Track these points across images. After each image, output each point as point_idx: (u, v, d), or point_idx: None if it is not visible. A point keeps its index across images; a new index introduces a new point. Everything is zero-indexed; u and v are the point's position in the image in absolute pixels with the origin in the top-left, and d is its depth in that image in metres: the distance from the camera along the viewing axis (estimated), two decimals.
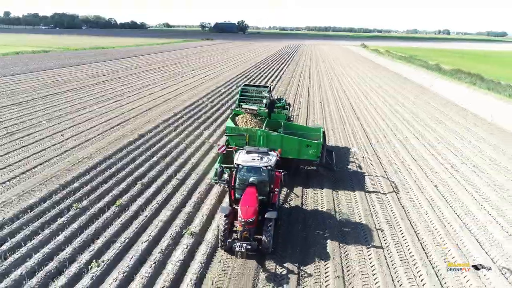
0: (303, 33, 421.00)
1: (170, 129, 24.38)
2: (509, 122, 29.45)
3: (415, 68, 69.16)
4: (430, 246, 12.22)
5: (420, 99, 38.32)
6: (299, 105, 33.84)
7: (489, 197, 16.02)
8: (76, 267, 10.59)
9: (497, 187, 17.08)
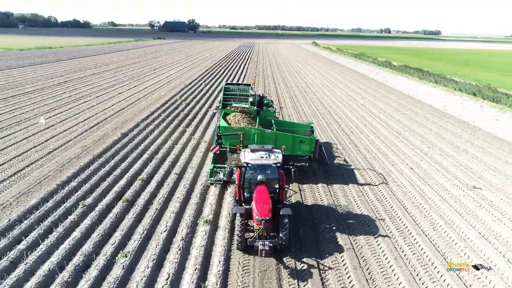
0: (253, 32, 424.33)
1: (152, 127, 24.41)
2: (459, 111, 32.86)
3: (367, 65, 73.35)
4: (430, 231, 13.10)
5: (379, 93, 41.21)
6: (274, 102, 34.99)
7: (457, 175, 18.19)
8: (104, 259, 10.83)
9: (462, 167, 19.38)
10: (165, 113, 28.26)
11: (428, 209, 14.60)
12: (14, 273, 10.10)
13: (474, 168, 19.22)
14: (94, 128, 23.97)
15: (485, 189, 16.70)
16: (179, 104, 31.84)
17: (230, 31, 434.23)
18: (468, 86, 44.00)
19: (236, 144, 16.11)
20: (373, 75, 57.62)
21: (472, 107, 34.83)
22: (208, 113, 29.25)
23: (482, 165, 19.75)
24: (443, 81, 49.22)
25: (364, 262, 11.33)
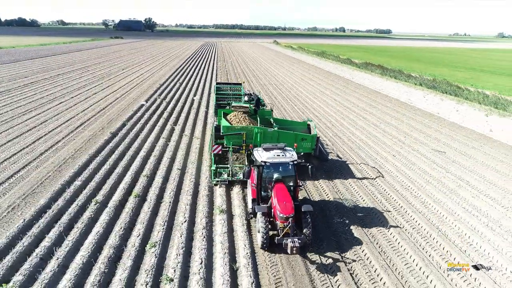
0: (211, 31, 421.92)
1: (139, 126, 24.45)
2: (423, 104, 35.62)
3: (331, 62, 76.22)
4: (432, 217, 14.37)
5: (349, 89, 43.42)
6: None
7: (435, 160, 20.14)
8: (134, 250, 11.24)
9: (437, 152, 21.42)
10: (148, 112, 28.26)
11: (425, 198, 15.80)
12: (47, 268, 10.27)
13: (447, 153, 21.30)
14: (80, 129, 23.61)
15: (460, 170, 18.70)
16: (160, 103, 31.85)
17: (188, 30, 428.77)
18: (426, 81, 47.47)
19: (239, 143, 16.23)
20: (338, 72, 60.20)
21: (434, 100, 37.82)
22: (191, 111, 29.56)
23: (453, 150, 21.92)
24: (403, 77, 52.61)
25: (383, 252, 11.78)
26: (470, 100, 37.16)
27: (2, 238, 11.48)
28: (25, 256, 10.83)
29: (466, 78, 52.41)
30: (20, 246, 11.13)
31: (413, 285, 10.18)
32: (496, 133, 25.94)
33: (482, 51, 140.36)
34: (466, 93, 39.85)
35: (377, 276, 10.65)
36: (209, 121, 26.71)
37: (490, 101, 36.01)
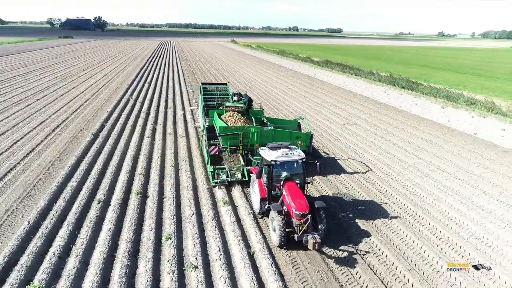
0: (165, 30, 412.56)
1: (120, 126, 24.24)
2: (385, 99, 38.15)
3: (292, 61, 78.31)
4: (415, 198, 15.98)
5: (315, 86, 45.26)
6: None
7: (406, 149, 22.02)
8: (150, 243, 11.59)
9: (406, 142, 23.39)
10: (124, 113, 27.96)
11: (405, 182, 17.44)
12: (69, 265, 10.40)
13: (415, 142, 23.34)
14: (57, 131, 22.98)
15: (430, 156, 20.67)
16: (134, 103, 31.51)
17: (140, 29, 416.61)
18: (385, 77, 50.57)
19: (236, 144, 16.31)
20: (301, 70, 62.20)
21: (394, 95, 40.56)
22: (169, 111, 29.59)
23: (420, 139, 24.03)
24: (362, 74, 55.56)
25: (391, 241, 12.32)
26: (426, 94, 40.31)
27: (12, 240, 11.36)
28: (40, 256, 10.84)
29: (419, 74, 56.32)
30: (33, 247, 11.09)
31: (427, 271, 10.86)
32: (453, 123, 28.62)
33: (430, 49, 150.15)
34: (421, 87, 43.11)
35: (392, 265, 11.16)
36: (189, 119, 26.99)
37: (443, 95, 39.31)
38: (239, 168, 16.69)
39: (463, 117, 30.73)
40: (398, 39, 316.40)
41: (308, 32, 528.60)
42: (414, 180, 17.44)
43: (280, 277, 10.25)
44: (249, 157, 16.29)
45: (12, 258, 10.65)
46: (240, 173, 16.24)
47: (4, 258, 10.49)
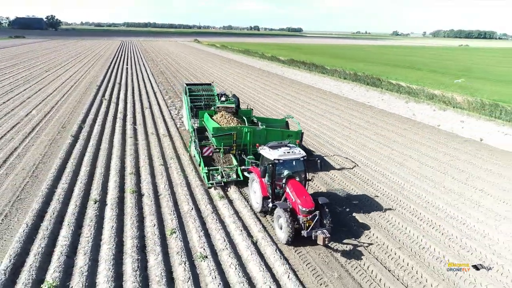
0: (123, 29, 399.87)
1: (99, 128, 23.95)
2: (353, 95, 40.04)
3: (259, 60, 79.33)
4: (394, 185, 17.29)
5: (285, 84, 46.47)
6: None
7: (380, 141, 23.55)
8: (155, 237, 11.91)
9: (378, 135, 24.98)
10: (101, 114, 27.56)
11: (383, 171, 18.85)
12: (79, 263, 10.54)
13: (386, 135, 24.98)
14: (33, 134, 22.34)
15: (402, 147, 22.27)
16: (108, 105, 31.03)
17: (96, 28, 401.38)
18: (349, 75, 52.78)
19: (230, 144, 16.26)
20: (269, 69, 63.35)
21: (361, 92, 42.62)
22: (146, 111, 29.47)
23: (390, 132, 25.72)
24: (329, 72, 57.60)
25: (390, 233, 12.83)
26: (390, 90, 42.69)
27: (13, 243, 11.27)
28: (47, 256, 10.89)
29: (381, 72, 59.09)
30: (38, 248, 11.09)
31: (428, 259, 11.49)
32: (418, 116, 30.76)
33: (387, 48, 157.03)
34: (385, 84, 45.56)
35: (394, 254, 11.65)
36: (167, 119, 27.09)
37: (405, 91, 41.84)
38: (233, 168, 16.73)
39: (426, 111, 33.04)
40: (356, 38, 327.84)
41: (269, 32, 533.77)
42: (391, 169, 18.83)
43: (285, 261, 10.99)
44: (242, 157, 16.53)
45: (18, 259, 10.62)
46: (235, 173, 16.33)
47: (10, 260, 10.44)
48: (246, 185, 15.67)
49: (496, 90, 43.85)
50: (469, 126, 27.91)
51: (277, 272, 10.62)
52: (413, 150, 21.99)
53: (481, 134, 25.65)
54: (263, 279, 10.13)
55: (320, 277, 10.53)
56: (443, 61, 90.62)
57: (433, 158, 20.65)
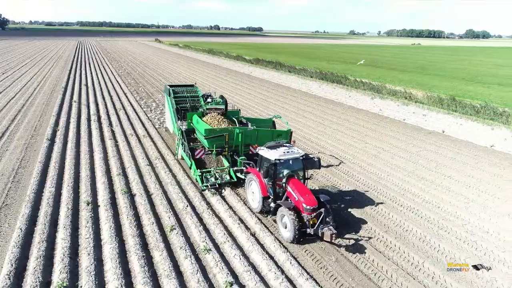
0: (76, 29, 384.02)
1: (74, 130, 23.42)
2: (322, 93, 41.52)
3: (225, 60, 79.55)
4: (372, 176, 18.86)
5: (255, 83, 47.20)
6: None
7: (353, 136, 24.85)
8: (156, 235, 12.09)
9: (351, 130, 26.31)
10: (73, 116, 26.84)
11: (361, 163, 20.12)
12: (84, 263, 10.58)
13: (358, 130, 26.38)
14: (5, 139, 21.48)
15: (374, 141, 23.68)
16: (79, 107, 30.20)
17: (48, 28, 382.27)
18: (315, 73, 54.49)
19: (222, 145, 16.12)
20: (236, 68, 63.83)
21: (328, 89, 44.25)
22: (120, 113, 29.02)
23: (361, 127, 27.17)
24: (295, 71, 59.07)
25: (386, 227, 13.29)
26: (356, 87, 44.68)
27: (10, 248, 11.06)
28: (49, 260, 10.83)
29: (344, 70, 61.50)
30: (38, 252, 10.98)
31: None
32: (384, 111, 32.61)
33: (347, 47, 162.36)
34: (350, 82, 47.60)
35: (394, 246, 12.17)
36: (144, 120, 26.90)
37: (368, 87, 44.02)
38: (225, 169, 16.73)
39: (391, 106, 35.05)
40: (315, 37, 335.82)
41: (230, 31, 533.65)
42: (368, 161, 20.07)
43: (285, 249, 11.65)
44: (235, 158, 16.63)
45: (19, 264, 10.49)
46: (228, 175, 16.39)
47: (11, 265, 10.30)
48: (238, 185, 16.13)
49: (451, 85, 47.24)
50: (431, 120, 30.04)
51: (279, 259, 11.25)
52: (385, 142, 23.46)
53: (442, 126, 27.74)
54: (268, 266, 10.74)
55: (320, 262, 11.29)
56: (400, 59, 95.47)
57: (404, 150, 22.18)
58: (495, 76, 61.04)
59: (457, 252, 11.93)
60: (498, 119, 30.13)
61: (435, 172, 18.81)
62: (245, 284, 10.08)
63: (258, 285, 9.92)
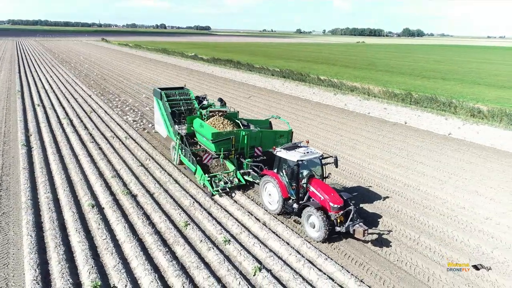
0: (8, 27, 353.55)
1: (50, 135, 22.49)
2: (287, 90, 42.99)
3: (181, 59, 78.62)
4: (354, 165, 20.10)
5: (220, 83, 47.59)
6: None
7: (328, 130, 26.37)
8: (173, 231, 12.38)
9: (324, 124, 27.86)
10: (42, 121, 25.62)
11: (344, 155, 21.62)
12: (109, 263, 10.65)
13: (331, 124, 28.02)
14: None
15: (347, 134, 25.36)
16: (45, 111, 28.82)
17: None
18: (277, 72, 56.00)
19: (228, 148, 15.80)
20: (196, 68, 63.60)
21: (292, 87, 45.83)
22: (92, 115, 28.17)
23: (332, 121, 28.85)
24: (256, 69, 60.17)
25: (380, 209, 14.28)
26: (318, 84, 46.72)
27: (26, 255, 10.88)
28: (71, 262, 10.82)
29: (301, 68, 63.70)
30: (57, 255, 10.87)
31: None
32: (349, 106, 34.72)
33: (297, 45, 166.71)
34: (310, 79, 49.65)
35: (391, 224, 13.35)
36: (120, 121, 26.42)
37: (329, 84, 46.32)
38: (231, 173, 16.47)
39: (353, 101, 37.31)
40: (264, 36, 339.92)
41: (177, 30, 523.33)
42: (347, 152, 21.58)
43: (298, 235, 12.55)
44: (241, 160, 16.38)
45: (42, 268, 10.40)
46: (236, 178, 16.15)
47: (35, 270, 10.18)
48: (245, 186, 16.23)
49: (402, 81, 51.05)
50: (392, 112, 32.55)
51: (294, 244, 12.12)
52: (357, 135, 25.23)
53: (404, 118, 30.26)
54: (287, 251, 11.59)
55: (331, 243, 12.31)
56: (350, 56, 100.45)
57: (376, 140, 24.05)
58: (436, 71, 66.70)
59: (444, 226, 13.58)
60: (448, 110, 33.43)
61: (407, 159, 20.73)
62: (271, 268, 10.82)
63: (284, 267, 10.72)
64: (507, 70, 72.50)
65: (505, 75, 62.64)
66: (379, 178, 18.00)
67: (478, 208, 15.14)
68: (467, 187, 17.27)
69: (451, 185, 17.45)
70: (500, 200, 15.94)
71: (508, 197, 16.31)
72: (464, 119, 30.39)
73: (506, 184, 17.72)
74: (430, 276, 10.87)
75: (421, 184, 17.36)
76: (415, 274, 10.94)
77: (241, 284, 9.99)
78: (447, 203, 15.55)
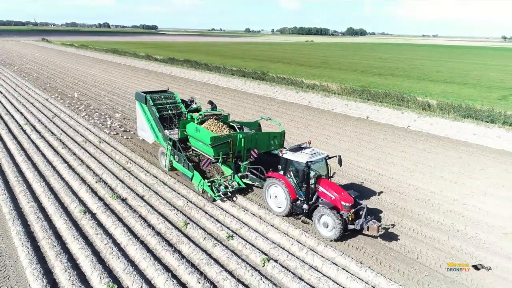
0: None
1: (14, 142, 21.25)
2: (251, 89, 43.63)
3: (135, 59, 76.29)
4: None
5: (181, 83, 47.06)
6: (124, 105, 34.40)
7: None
8: (174, 231, 12.54)
9: (298, 122, 28.87)
10: (3, 127, 24.07)
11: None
12: (118, 267, 10.68)
13: (299, 121, 29.11)
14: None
15: (317, 129, 26.56)
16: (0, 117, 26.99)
17: None
18: (237, 72, 56.46)
19: (226, 152, 15.65)
20: (153, 68, 62.17)
21: (253, 85, 46.54)
22: (56, 119, 26.84)
23: (300, 118, 29.96)
24: (213, 69, 60.17)
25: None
26: (278, 83, 47.91)
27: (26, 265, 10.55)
28: (78, 269, 10.67)
29: (258, 67, 64.67)
30: (61, 264, 10.64)
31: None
32: (313, 103, 36.17)
33: (248, 44, 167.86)
34: (269, 78, 50.76)
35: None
36: (87, 125, 25.50)
37: (289, 82, 47.73)
38: (231, 176, 16.31)
39: (316, 98, 38.88)
40: (212, 36, 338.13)
41: (122, 29, 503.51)
42: (321, 147, 22.66)
43: (295, 227, 13.25)
44: (239, 163, 16.30)
45: (48, 278, 10.17)
46: (234, 182, 16.04)
47: (42, 280, 9.95)
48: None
49: (356, 78, 53.86)
50: (353, 108, 34.45)
51: (293, 235, 12.82)
52: (326, 130, 26.54)
53: (365, 113, 32.20)
54: (288, 242, 12.27)
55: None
56: (302, 55, 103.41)
57: (344, 135, 25.49)
58: (385, 68, 71.03)
59: (420, 209, 15.01)
60: (402, 104, 36.06)
61: (377, 151, 22.29)
62: (278, 258, 11.41)
63: (289, 257, 11.38)
64: (446, 66, 79.03)
65: (445, 71, 68.28)
66: (356, 169, 19.24)
67: (446, 191, 16.82)
68: (433, 173, 19.04)
69: (419, 172, 19.13)
70: (463, 183, 17.83)
71: (468, 180, 18.27)
72: (418, 112, 33.00)
73: (465, 169, 19.79)
74: (418, 253, 12.10)
75: (393, 173, 18.85)
76: (405, 253, 12.10)
77: (254, 274, 10.47)
78: (419, 189, 17.08)
